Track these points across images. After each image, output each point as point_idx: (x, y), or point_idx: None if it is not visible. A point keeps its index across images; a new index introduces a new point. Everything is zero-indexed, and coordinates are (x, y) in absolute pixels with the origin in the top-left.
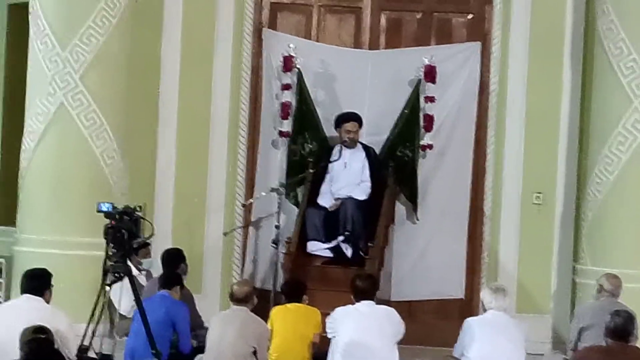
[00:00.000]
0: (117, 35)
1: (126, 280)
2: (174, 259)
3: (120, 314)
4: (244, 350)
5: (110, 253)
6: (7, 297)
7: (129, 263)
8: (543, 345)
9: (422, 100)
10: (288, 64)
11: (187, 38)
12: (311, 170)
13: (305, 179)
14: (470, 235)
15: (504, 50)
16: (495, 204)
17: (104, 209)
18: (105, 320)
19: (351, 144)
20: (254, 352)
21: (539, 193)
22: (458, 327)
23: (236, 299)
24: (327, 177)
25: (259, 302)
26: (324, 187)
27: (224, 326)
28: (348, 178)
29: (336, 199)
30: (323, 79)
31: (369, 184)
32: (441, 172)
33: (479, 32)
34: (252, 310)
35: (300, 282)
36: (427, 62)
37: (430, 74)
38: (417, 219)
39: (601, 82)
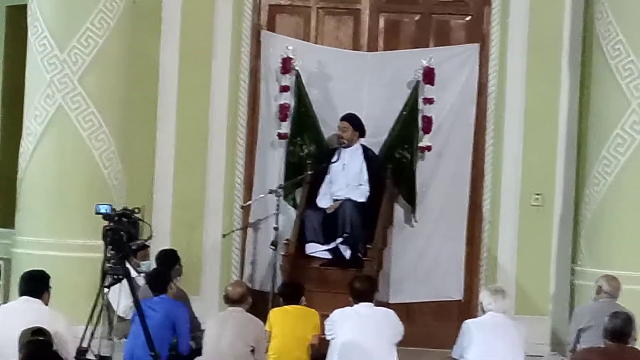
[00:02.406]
0: (115, 37)
1: (125, 282)
2: (168, 260)
3: (119, 316)
4: (243, 350)
5: (108, 255)
6: (6, 299)
7: (127, 265)
8: (542, 347)
9: (420, 102)
10: (286, 65)
11: (186, 40)
12: (309, 172)
13: (303, 181)
14: (469, 237)
15: (502, 51)
16: (494, 206)
17: (103, 210)
18: (103, 322)
19: (344, 143)
20: (252, 351)
21: (538, 194)
22: (457, 329)
23: (231, 300)
24: (327, 178)
25: (258, 303)
26: (323, 189)
27: (221, 328)
28: (346, 180)
29: (334, 201)
30: (321, 81)
31: (367, 187)
32: (440, 174)
33: (478, 33)
34: (249, 311)
35: (298, 284)
36: (425, 63)
37: (428, 75)
38: (416, 221)
39: (599, 84)
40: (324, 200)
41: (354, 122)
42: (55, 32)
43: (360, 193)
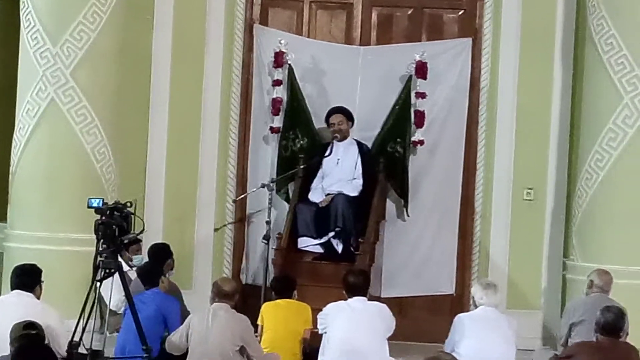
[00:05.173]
0: (108, 31)
1: (117, 276)
2: (160, 254)
3: (111, 310)
4: (230, 350)
5: (100, 249)
6: None
7: (119, 259)
8: (533, 341)
9: (413, 96)
10: (279, 59)
11: (178, 34)
12: (302, 166)
13: (296, 175)
14: (461, 231)
15: (495, 46)
16: (486, 200)
17: (95, 204)
18: (95, 316)
19: (340, 137)
20: (239, 350)
21: (530, 189)
22: (449, 323)
23: (222, 295)
24: (319, 172)
25: (250, 297)
26: (315, 183)
27: (206, 327)
28: (340, 174)
29: (327, 195)
30: (314, 75)
31: (360, 181)
32: (432, 168)
33: (470, 28)
34: (241, 306)
35: (290, 278)
36: (418, 58)
37: (421, 69)
38: (408, 215)
39: (592, 78)
40: (315, 195)
41: (347, 114)
42: (47, 26)
43: (353, 187)
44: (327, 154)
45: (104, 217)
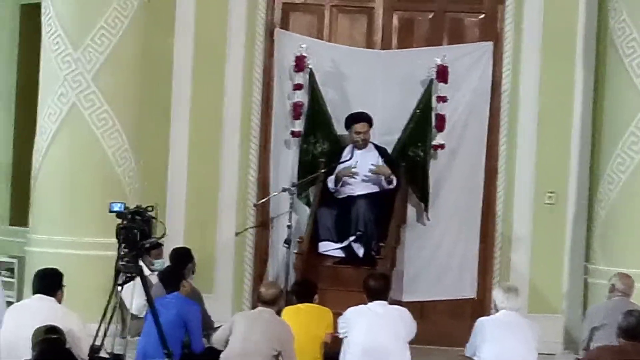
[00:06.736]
0: (129, 35)
1: (138, 280)
2: (182, 258)
3: (132, 314)
4: (268, 353)
5: (122, 253)
6: (20, 298)
7: (140, 263)
8: (555, 345)
9: (434, 100)
10: (300, 64)
11: (200, 38)
12: (323, 170)
13: (317, 179)
14: (483, 235)
15: (516, 49)
16: (508, 204)
17: (116, 209)
18: (117, 321)
19: (362, 144)
20: (277, 356)
21: (551, 193)
22: (470, 327)
23: (263, 301)
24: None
25: None
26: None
27: (249, 326)
28: (361, 176)
29: (348, 197)
30: (335, 79)
31: (394, 176)
32: (453, 172)
33: (491, 31)
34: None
35: (311, 282)
36: (439, 61)
37: (442, 73)
38: (428, 219)
39: (613, 82)
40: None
41: (370, 121)
42: (69, 31)
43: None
44: (346, 158)
45: (125, 221)
